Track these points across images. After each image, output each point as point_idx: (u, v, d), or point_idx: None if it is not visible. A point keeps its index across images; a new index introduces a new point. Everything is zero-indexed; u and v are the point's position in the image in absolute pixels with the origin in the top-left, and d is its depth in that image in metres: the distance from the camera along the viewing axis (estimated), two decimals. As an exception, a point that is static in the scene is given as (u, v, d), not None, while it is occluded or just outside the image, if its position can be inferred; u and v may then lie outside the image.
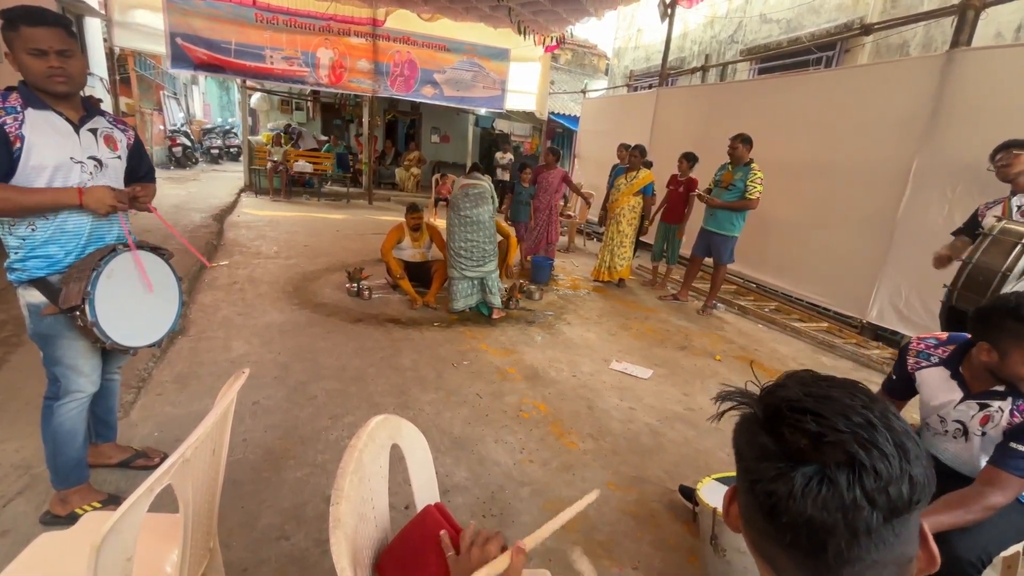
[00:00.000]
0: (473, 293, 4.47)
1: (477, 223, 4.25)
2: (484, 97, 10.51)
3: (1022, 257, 2.27)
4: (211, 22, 8.34)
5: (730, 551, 1.54)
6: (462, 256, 4.30)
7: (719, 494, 1.69)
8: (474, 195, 4.23)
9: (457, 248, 4.30)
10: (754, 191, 4.56)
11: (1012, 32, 4.99)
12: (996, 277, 2.29)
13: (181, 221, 6.53)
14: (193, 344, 3.35)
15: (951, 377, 1.57)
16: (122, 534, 0.84)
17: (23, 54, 1.52)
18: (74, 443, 1.80)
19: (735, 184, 4.66)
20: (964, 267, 2.45)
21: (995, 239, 2.39)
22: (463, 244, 4.28)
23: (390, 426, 1.08)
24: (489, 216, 4.31)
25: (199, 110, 18.15)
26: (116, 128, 1.79)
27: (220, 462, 1.22)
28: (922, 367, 1.66)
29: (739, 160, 4.67)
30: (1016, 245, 2.30)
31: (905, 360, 1.71)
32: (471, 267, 4.33)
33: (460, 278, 4.39)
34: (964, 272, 2.44)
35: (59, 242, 1.65)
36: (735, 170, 4.70)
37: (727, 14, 8.54)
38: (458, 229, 4.26)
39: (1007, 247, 2.32)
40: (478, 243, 4.28)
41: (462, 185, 4.31)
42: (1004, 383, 1.45)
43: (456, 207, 4.25)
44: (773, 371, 3.89)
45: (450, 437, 2.60)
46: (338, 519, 0.80)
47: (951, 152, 4.02)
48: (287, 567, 1.74)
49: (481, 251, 4.31)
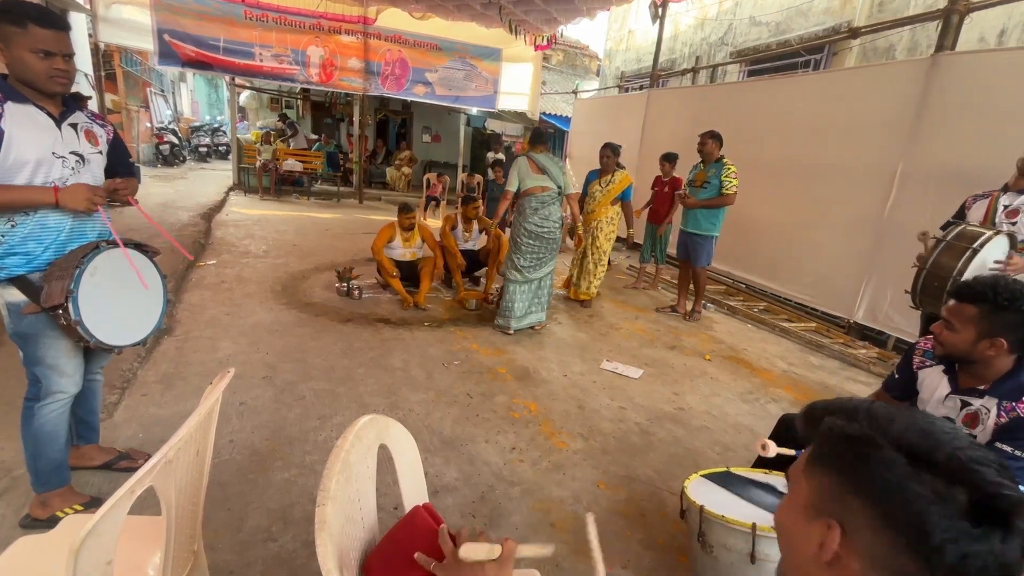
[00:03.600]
0: (532, 307, 4.11)
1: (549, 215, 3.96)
2: (476, 97, 10.50)
3: (973, 260, 2.28)
4: (199, 19, 8.25)
5: (717, 547, 1.55)
6: (529, 253, 3.91)
7: (706, 491, 1.70)
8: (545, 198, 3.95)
9: (524, 241, 3.90)
10: (730, 186, 4.44)
11: (995, 37, 5.08)
12: (948, 281, 2.30)
13: (168, 219, 6.45)
14: (179, 344, 3.31)
15: (944, 372, 1.61)
16: (102, 537, 0.82)
17: (26, 52, 1.49)
18: (55, 445, 1.76)
19: (709, 181, 4.56)
20: (920, 272, 2.45)
21: (949, 244, 2.40)
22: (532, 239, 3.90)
23: (378, 426, 1.07)
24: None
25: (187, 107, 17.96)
26: (95, 124, 1.76)
27: (204, 463, 1.20)
28: (926, 366, 1.69)
29: (710, 157, 4.58)
30: (967, 249, 2.30)
31: (911, 358, 1.74)
32: (535, 267, 3.99)
33: (523, 281, 3.98)
34: (920, 276, 2.46)
35: (39, 238, 1.62)
36: (707, 167, 4.61)
37: (717, 16, 8.61)
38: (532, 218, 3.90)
39: (959, 251, 2.34)
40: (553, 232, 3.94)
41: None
42: (986, 382, 1.48)
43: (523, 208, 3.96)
44: (762, 371, 3.93)
45: (440, 437, 2.59)
46: (324, 520, 0.79)
47: (936, 154, 4.08)
48: (274, 569, 1.72)
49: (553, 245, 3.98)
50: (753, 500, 1.67)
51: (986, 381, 1.49)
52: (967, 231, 2.42)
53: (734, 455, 2.70)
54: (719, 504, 1.61)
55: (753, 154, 4.78)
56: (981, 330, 1.42)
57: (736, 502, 1.66)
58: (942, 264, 2.38)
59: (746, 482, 1.78)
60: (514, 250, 4.02)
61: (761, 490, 1.73)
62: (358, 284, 4.65)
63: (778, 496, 1.68)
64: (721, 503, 1.62)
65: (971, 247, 2.31)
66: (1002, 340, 1.41)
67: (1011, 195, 2.58)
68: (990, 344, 1.42)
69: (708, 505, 1.58)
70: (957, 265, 2.31)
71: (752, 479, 1.80)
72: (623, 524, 2.11)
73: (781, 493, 1.68)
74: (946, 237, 2.43)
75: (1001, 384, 1.47)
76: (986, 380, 1.49)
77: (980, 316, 1.42)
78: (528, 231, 3.91)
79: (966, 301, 1.45)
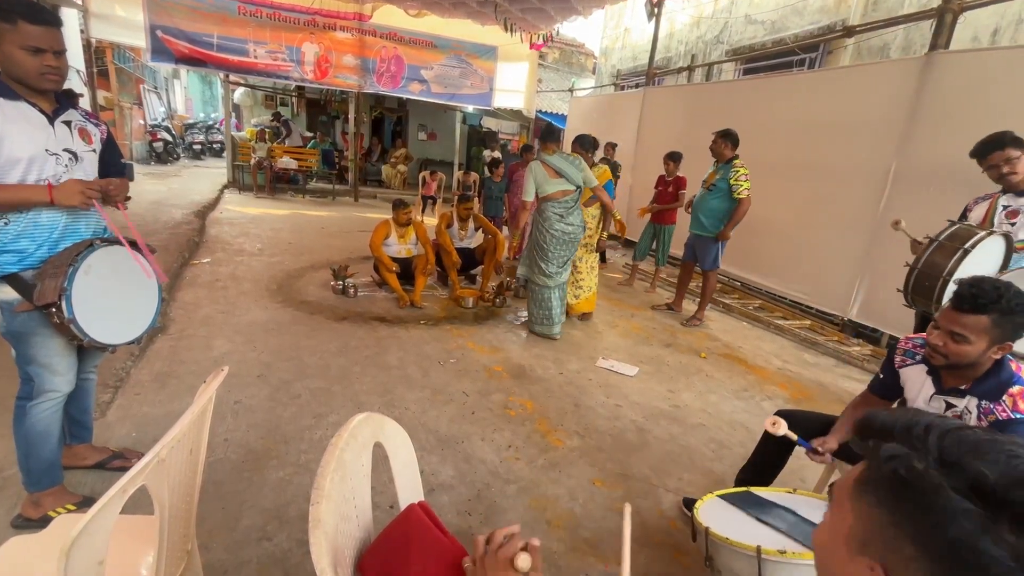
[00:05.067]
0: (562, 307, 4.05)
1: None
2: (472, 94, 10.48)
3: (964, 260, 2.28)
4: (193, 15, 8.19)
5: (725, 571, 1.45)
6: (555, 254, 3.85)
7: (719, 511, 1.58)
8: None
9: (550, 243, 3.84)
10: (740, 189, 4.23)
11: (988, 36, 5.11)
12: (939, 282, 2.31)
13: (162, 218, 6.41)
14: (174, 343, 3.29)
15: (927, 372, 1.61)
16: (93, 537, 0.82)
17: (15, 48, 1.47)
18: (47, 444, 1.75)
19: (716, 184, 4.40)
20: (911, 271, 2.46)
21: (941, 244, 2.40)
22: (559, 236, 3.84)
23: (373, 424, 1.07)
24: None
25: (181, 105, 17.83)
26: (89, 122, 1.75)
27: (198, 462, 1.20)
28: (907, 365, 1.70)
29: (721, 157, 4.42)
30: (958, 249, 2.31)
31: (893, 358, 1.75)
32: (563, 271, 3.94)
33: (554, 286, 3.92)
34: (912, 276, 2.46)
35: (32, 236, 1.60)
36: (717, 169, 4.46)
37: (713, 15, 8.62)
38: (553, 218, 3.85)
39: (951, 251, 2.34)
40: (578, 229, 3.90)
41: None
42: (968, 381, 1.49)
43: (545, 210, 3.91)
44: (757, 368, 3.94)
45: (436, 435, 2.58)
46: (318, 519, 0.78)
47: (929, 152, 4.11)
48: (269, 568, 1.71)
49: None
50: (770, 523, 1.53)
51: (968, 380, 1.50)
52: (960, 231, 2.42)
53: (729, 452, 2.71)
54: (730, 525, 1.48)
55: (748, 152, 4.77)
56: (994, 337, 1.41)
57: (751, 524, 1.53)
58: (934, 263, 2.39)
59: (765, 503, 1.64)
60: (540, 257, 3.91)
61: (781, 511, 1.59)
62: (353, 282, 4.63)
63: (798, 519, 1.54)
64: (733, 525, 1.50)
65: (963, 247, 2.31)
66: (1010, 344, 1.41)
67: (1010, 196, 2.58)
68: (999, 348, 1.42)
69: (718, 526, 1.45)
70: (948, 265, 2.32)
71: (772, 500, 1.66)
72: (619, 522, 2.10)
73: (805, 520, 1.54)
74: (939, 237, 2.44)
75: (981, 383, 1.47)
76: (968, 379, 1.50)
77: (992, 324, 1.39)
78: (556, 237, 3.83)
79: (979, 312, 1.39)
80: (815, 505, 1.62)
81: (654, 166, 6.06)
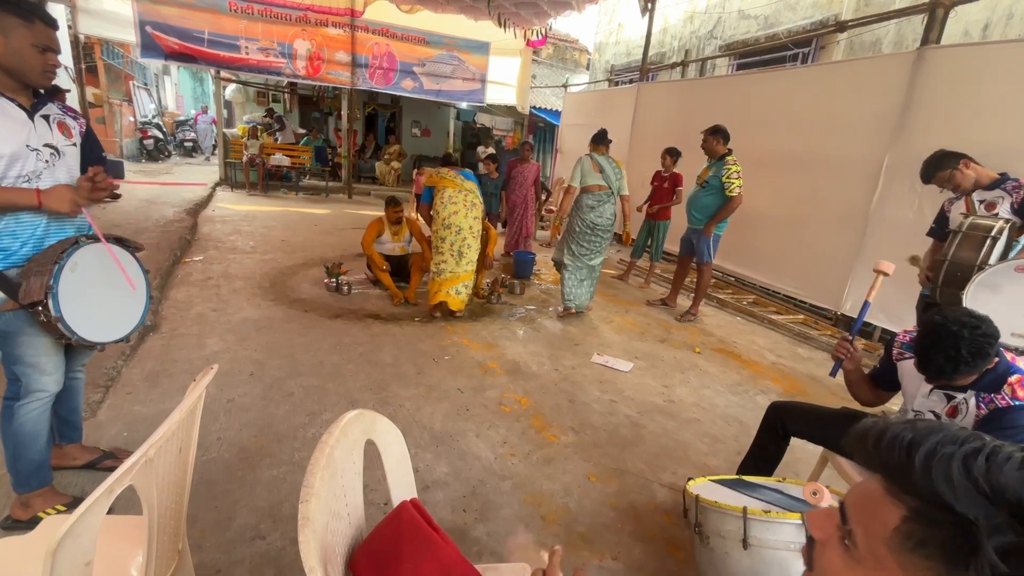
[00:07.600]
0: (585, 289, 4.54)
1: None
2: (464, 91, 10.43)
3: (994, 248, 2.36)
4: (183, 10, 8.10)
5: (713, 537, 1.52)
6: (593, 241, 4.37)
7: (709, 490, 1.66)
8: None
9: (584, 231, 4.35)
10: (732, 187, 4.23)
11: (979, 30, 5.13)
12: (973, 271, 2.38)
13: (153, 216, 6.35)
14: (165, 341, 3.26)
15: None
16: (80, 538, 0.81)
17: (27, 45, 1.50)
18: (36, 445, 1.73)
19: (708, 181, 4.41)
20: (941, 265, 2.53)
21: (965, 235, 2.49)
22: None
23: (364, 421, 1.06)
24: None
25: (171, 101, 17.67)
26: (68, 116, 1.72)
27: (188, 461, 1.19)
28: (904, 358, 1.71)
29: (713, 154, 4.42)
30: (986, 239, 2.39)
31: (891, 351, 1.76)
32: (590, 255, 4.40)
33: (579, 267, 4.44)
34: (942, 269, 2.53)
35: (14, 234, 1.57)
36: (709, 165, 4.46)
37: (706, 10, 8.61)
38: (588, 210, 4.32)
39: (978, 241, 2.42)
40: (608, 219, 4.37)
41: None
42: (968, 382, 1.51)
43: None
44: (751, 363, 3.96)
45: (430, 432, 2.58)
46: (307, 517, 0.78)
47: (921, 147, 4.09)
48: (262, 567, 1.70)
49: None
50: (757, 497, 1.61)
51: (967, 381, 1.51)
52: (979, 223, 2.49)
53: (723, 446, 2.72)
54: (719, 495, 1.57)
55: (741, 147, 4.78)
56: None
57: (739, 497, 1.61)
58: (963, 255, 2.45)
59: (754, 485, 1.74)
60: (571, 239, 4.41)
61: (768, 491, 1.68)
62: (347, 280, 4.61)
63: (785, 496, 1.61)
64: (722, 496, 1.58)
65: (989, 235, 2.38)
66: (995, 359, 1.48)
67: (981, 192, 2.69)
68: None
69: (707, 496, 1.54)
70: (980, 254, 2.38)
71: (763, 484, 1.76)
72: (613, 516, 2.12)
73: (791, 496, 1.61)
74: (961, 228, 2.50)
75: (980, 381, 1.49)
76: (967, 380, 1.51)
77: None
78: (588, 224, 4.34)
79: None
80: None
81: (648, 161, 6.06)
